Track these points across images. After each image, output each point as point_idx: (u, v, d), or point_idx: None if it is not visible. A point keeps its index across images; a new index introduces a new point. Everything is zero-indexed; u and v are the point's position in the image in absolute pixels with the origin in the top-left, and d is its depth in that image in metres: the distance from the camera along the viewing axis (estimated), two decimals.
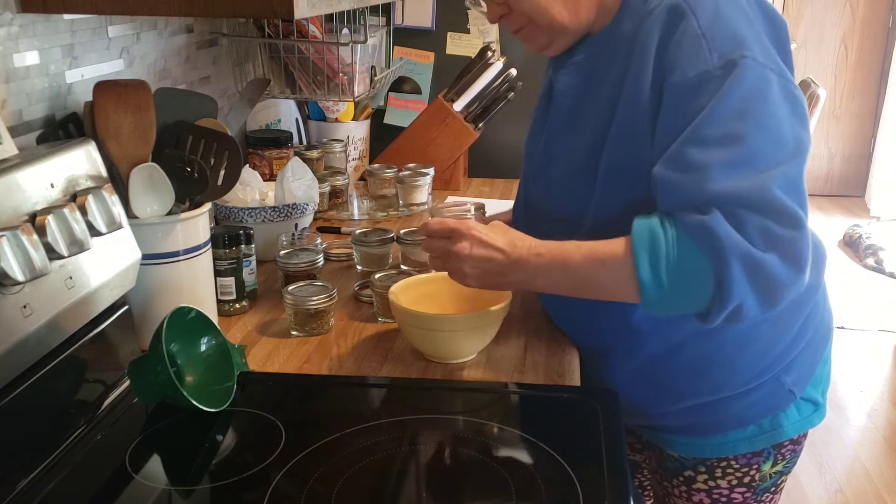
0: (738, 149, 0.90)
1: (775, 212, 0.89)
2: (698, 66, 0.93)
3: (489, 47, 2.10)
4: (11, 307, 0.84)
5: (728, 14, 0.95)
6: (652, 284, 0.92)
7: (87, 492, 0.88)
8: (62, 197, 0.94)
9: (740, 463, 1.19)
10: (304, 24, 1.85)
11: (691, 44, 0.94)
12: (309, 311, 1.21)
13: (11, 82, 1.06)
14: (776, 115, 0.93)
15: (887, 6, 5.22)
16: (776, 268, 0.89)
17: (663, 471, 1.27)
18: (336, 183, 1.86)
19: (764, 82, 0.93)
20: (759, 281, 0.89)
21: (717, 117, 0.91)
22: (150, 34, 1.41)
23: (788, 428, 1.17)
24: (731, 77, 0.92)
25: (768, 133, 0.92)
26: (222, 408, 0.99)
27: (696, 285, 0.92)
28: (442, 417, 1.02)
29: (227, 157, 1.19)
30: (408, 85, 2.32)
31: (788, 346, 1.13)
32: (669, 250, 0.92)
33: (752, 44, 0.93)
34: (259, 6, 0.95)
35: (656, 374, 1.14)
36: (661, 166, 0.95)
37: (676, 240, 0.92)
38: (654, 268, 0.92)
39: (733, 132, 0.91)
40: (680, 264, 0.92)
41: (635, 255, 0.93)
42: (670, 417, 1.18)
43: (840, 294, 3.86)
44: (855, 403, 3.03)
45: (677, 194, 0.93)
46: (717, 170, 0.90)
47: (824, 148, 5.54)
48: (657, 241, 0.92)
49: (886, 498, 2.52)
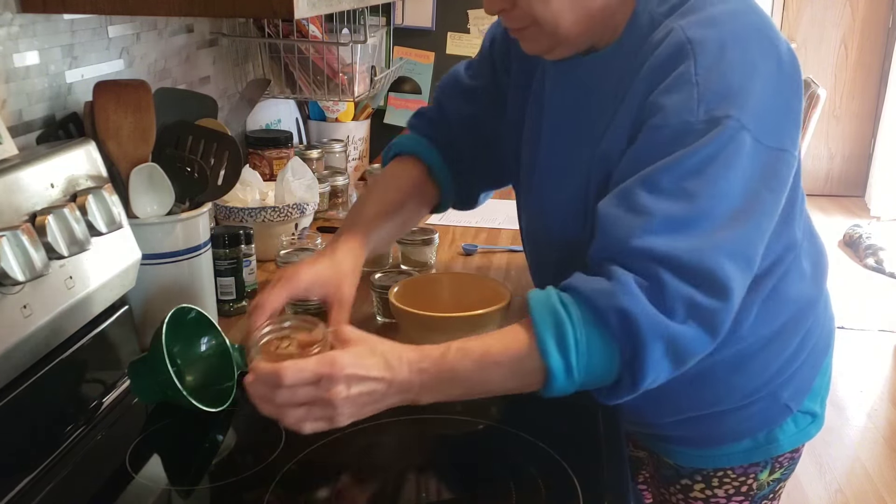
0: (685, 206, 0.85)
1: (704, 280, 0.83)
2: (682, 115, 0.87)
3: None
4: (11, 307, 0.84)
5: (729, 64, 0.87)
6: (563, 373, 0.85)
7: (87, 492, 0.89)
8: (62, 197, 0.94)
9: (737, 473, 1.18)
10: (304, 24, 1.85)
11: (682, 90, 0.87)
12: (309, 311, 1.21)
13: (11, 82, 1.06)
14: (733, 179, 0.86)
15: (887, 6, 5.22)
16: (693, 340, 0.84)
17: (661, 478, 1.26)
18: (336, 183, 1.86)
19: (735, 145, 0.85)
20: (675, 354, 0.85)
21: (677, 169, 0.85)
22: (150, 34, 1.41)
23: (784, 442, 1.15)
24: (708, 134, 0.85)
25: (720, 196, 0.85)
26: (222, 408, 0.99)
27: (607, 365, 0.86)
28: (442, 417, 1.02)
29: (227, 157, 1.19)
30: (408, 85, 2.32)
31: (786, 363, 1.11)
32: (578, 335, 0.84)
33: (741, 102, 0.86)
34: (259, 6, 0.95)
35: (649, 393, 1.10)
36: (607, 200, 0.89)
37: (583, 321, 0.84)
38: (563, 354, 0.84)
39: (686, 188, 0.85)
40: (590, 348, 0.84)
41: (541, 344, 0.84)
42: (665, 428, 1.17)
43: (840, 294, 3.86)
44: (855, 403, 3.03)
45: (613, 232, 0.87)
46: (659, 222, 0.85)
47: (824, 148, 5.54)
48: (562, 325, 0.84)
49: (886, 498, 2.52)
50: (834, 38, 5.33)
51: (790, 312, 1.08)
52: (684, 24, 0.90)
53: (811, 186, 5.56)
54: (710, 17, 0.90)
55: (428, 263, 1.46)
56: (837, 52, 5.36)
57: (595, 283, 0.85)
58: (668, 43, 0.90)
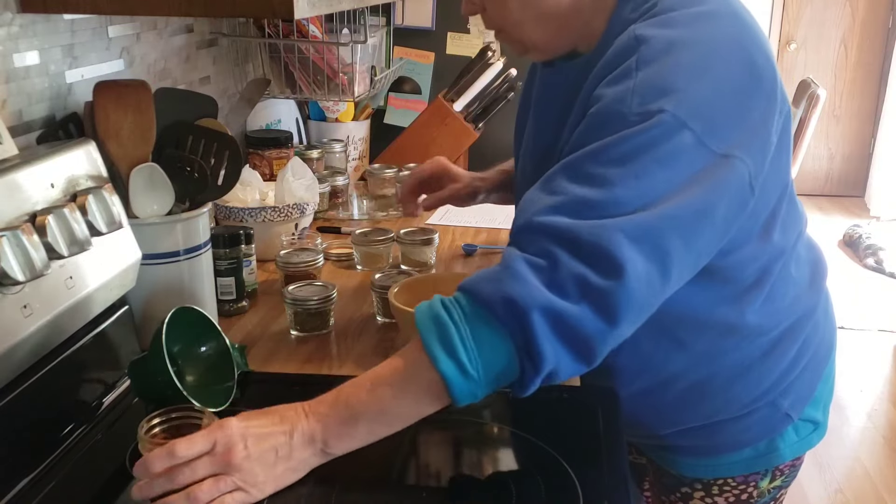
0: (599, 191, 0.82)
1: (597, 258, 0.79)
2: (616, 106, 0.85)
3: (489, 47, 2.10)
4: (11, 307, 0.84)
5: (674, 61, 0.85)
6: (458, 375, 0.80)
7: (87, 492, 0.88)
8: (62, 197, 0.94)
9: (737, 481, 1.17)
10: (304, 24, 1.85)
11: (622, 82, 0.86)
12: (309, 311, 1.21)
13: (11, 82, 1.06)
14: (661, 177, 0.83)
15: (887, 6, 5.22)
16: (585, 320, 0.79)
17: (661, 486, 1.26)
18: (336, 183, 1.86)
19: (672, 142, 0.82)
20: (567, 335, 0.80)
21: (602, 155, 0.84)
22: (150, 34, 1.41)
23: (785, 451, 1.14)
24: (639, 125, 0.83)
25: (640, 190, 0.82)
26: (222, 408, 0.99)
27: (504, 357, 0.82)
28: (442, 417, 1.02)
29: (227, 157, 1.19)
30: (408, 85, 2.32)
31: (785, 372, 1.10)
32: (461, 329, 0.81)
33: (680, 99, 0.83)
34: (259, 6, 0.95)
35: (646, 405, 1.11)
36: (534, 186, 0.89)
37: (464, 316, 0.81)
38: (453, 357, 0.80)
39: (606, 175, 0.83)
40: (478, 341, 0.81)
41: (429, 351, 0.81)
42: (667, 438, 1.16)
43: (840, 294, 3.86)
44: (855, 403, 3.03)
45: (523, 213, 0.86)
46: (569, 203, 0.83)
47: (824, 148, 5.54)
48: (444, 327, 0.81)
49: (886, 498, 2.52)
50: (834, 38, 5.33)
51: (787, 321, 1.07)
52: (641, 24, 0.90)
53: (811, 186, 5.56)
54: (669, 18, 0.90)
55: (428, 263, 1.46)
56: (837, 52, 5.36)
57: (484, 274, 0.83)
58: (619, 40, 0.91)
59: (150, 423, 0.87)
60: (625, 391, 1.06)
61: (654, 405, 1.10)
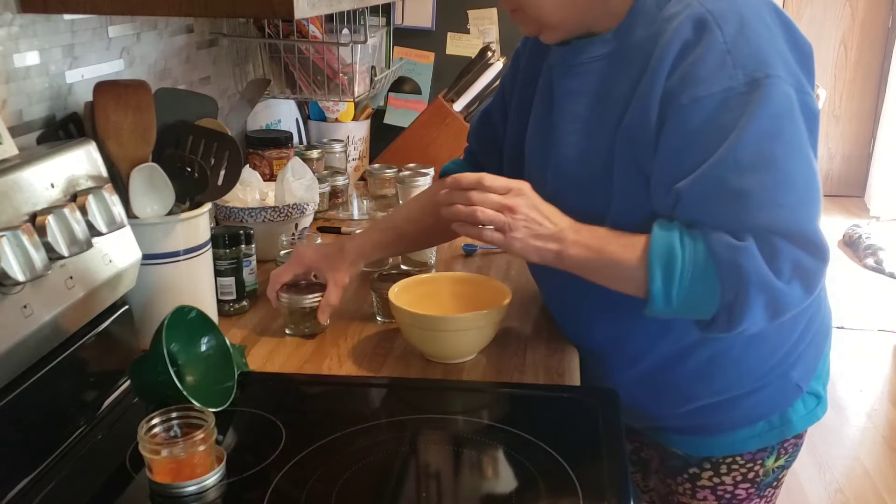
0: (772, 173, 0.92)
1: (810, 244, 0.93)
2: (722, 82, 0.92)
3: (489, 47, 2.10)
4: (11, 307, 0.84)
5: (753, 30, 0.94)
6: (661, 299, 0.95)
7: (87, 492, 0.89)
8: (62, 197, 0.94)
9: (745, 459, 1.19)
10: (304, 24, 1.85)
11: (715, 59, 0.92)
12: (304, 310, 1.21)
13: (11, 82, 1.06)
14: (801, 132, 0.94)
15: (887, 6, 5.22)
16: (795, 296, 0.94)
17: (667, 469, 1.27)
18: (336, 183, 1.86)
19: (788, 100, 0.92)
20: (774, 307, 0.94)
21: (749, 139, 0.91)
22: (150, 34, 1.42)
23: (797, 422, 1.18)
24: (756, 96, 0.91)
25: (799, 152, 0.93)
26: (222, 408, 0.99)
27: (704, 305, 0.95)
28: (442, 417, 1.02)
29: (227, 157, 1.19)
30: (408, 85, 2.32)
31: (794, 344, 1.14)
32: (685, 270, 0.94)
33: (775, 61, 0.93)
34: (259, 6, 0.95)
35: (661, 380, 1.14)
36: (693, 185, 0.94)
37: (694, 261, 0.94)
38: (666, 285, 0.95)
39: (766, 154, 0.92)
40: (693, 286, 0.94)
41: (650, 268, 0.95)
42: (676, 419, 1.18)
43: (840, 294, 3.86)
44: (855, 403, 3.03)
45: (714, 218, 0.94)
46: (756, 197, 0.92)
47: (824, 148, 5.53)
48: (674, 260, 0.94)
49: (886, 498, 2.52)
50: (834, 38, 5.32)
51: None
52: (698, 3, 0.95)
53: None
54: None
55: (428, 263, 1.46)
56: (837, 52, 5.36)
57: (728, 238, 0.93)
58: (685, 17, 0.95)
59: (150, 423, 0.87)
60: (645, 362, 1.12)
61: (672, 379, 1.13)
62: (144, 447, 0.84)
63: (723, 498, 1.23)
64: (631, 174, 1.00)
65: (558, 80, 1.09)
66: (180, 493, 0.85)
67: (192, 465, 0.85)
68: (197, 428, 0.86)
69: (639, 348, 1.12)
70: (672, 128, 0.95)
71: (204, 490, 0.85)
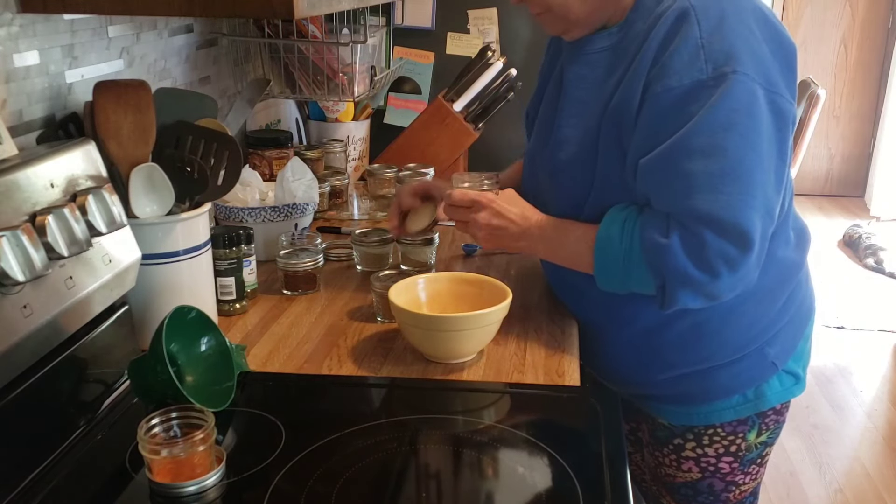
0: (719, 161, 0.99)
1: (739, 235, 1.00)
2: (693, 74, 1.00)
3: (489, 47, 2.10)
4: (11, 307, 0.84)
5: (730, 27, 1.00)
6: (604, 281, 1.12)
7: (87, 492, 0.89)
8: (62, 197, 0.94)
9: (727, 431, 1.25)
10: (304, 24, 1.85)
11: (690, 52, 1.00)
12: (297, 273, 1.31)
13: (11, 82, 1.06)
14: (760, 129, 1.00)
15: (887, 6, 5.22)
16: (723, 283, 1.03)
17: (655, 441, 1.33)
18: (336, 183, 1.86)
19: (751, 96, 0.99)
20: (703, 294, 1.05)
21: (705, 127, 0.99)
22: (150, 34, 1.41)
23: (771, 397, 1.24)
24: (720, 89, 0.98)
25: (751, 147, 0.99)
26: (222, 408, 0.99)
27: (643, 286, 1.09)
28: (442, 417, 1.02)
29: (227, 157, 1.19)
30: (408, 85, 2.32)
31: (772, 321, 1.20)
32: (619, 259, 1.09)
33: (745, 59, 0.99)
34: (259, 6, 0.95)
35: (648, 345, 1.21)
36: (649, 162, 1.04)
37: (628, 252, 1.07)
38: (604, 271, 1.11)
39: (718, 143, 0.99)
40: (628, 271, 1.09)
41: (594, 256, 1.11)
42: (660, 386, 1.25)
43: (840, 294, 3.87)
44: (855, 403, 3.03)
45: (660, 194, 1.05)
46: (699, 181, 1.00)
47: (824, 148, 5.54)
48: (610, 252, 1.09)
49: (886, 498, 2.52)
50: (834, 38, 5.32)
51: (777, 272, 1.17)
52: None
53: (811, 187, 5.56)
54: None
55: (428, 263, 1.46)
56: (837, 52, 5.36)
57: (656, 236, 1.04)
58: (672, 10, 1.03)
59: (150, 423, 0.87)
60: (634, 327, 1.21)
61: (657, 345, 1.21)
62: (144, 447, 0.84)
63: (707, 470, 1.28)
64: (612, 151, 1.09)
65: (567, 67, 1.19)
66: (180, 493, 0.85)
67: (191, 465, 0.85)
68: (197, 428, 0.86)
69: (628, 314, 1.20)
70: (646, 112, 1.04)
71: (204, 490, 0.86)
